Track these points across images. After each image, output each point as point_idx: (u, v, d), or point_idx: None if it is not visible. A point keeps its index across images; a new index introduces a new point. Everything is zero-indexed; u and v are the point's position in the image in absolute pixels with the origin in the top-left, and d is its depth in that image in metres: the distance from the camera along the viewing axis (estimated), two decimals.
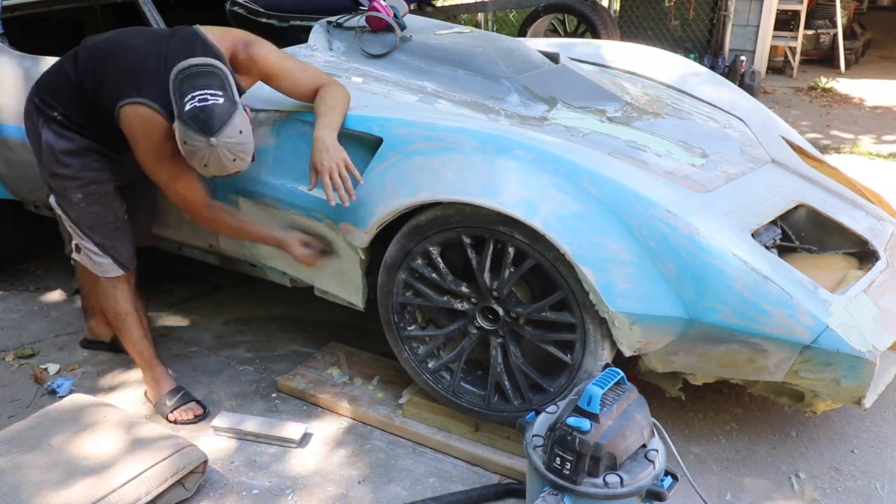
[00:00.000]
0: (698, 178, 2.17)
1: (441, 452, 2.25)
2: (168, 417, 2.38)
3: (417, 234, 2.07)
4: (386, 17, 2.64)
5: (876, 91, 6.90)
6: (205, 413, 2.41)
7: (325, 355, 2.66)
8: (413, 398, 2.32)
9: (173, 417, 2.38)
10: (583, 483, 1.62)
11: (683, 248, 1.81)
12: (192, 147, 1.90)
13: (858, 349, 1.77)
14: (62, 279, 3.38)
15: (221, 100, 1.89)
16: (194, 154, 1.92)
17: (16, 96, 2.77)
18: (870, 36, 9.05)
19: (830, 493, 2.08)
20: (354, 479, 2.15)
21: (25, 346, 2.87)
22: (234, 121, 1.90)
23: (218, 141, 1.88)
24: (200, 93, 1.88)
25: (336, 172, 2.02)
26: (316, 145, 2.05)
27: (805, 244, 2.27)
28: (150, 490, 1.92)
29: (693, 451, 2.23)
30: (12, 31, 3.06)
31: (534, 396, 2.08)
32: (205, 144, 1.88)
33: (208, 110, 1.87)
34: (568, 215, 1.85)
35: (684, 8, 7.35)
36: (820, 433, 2.31)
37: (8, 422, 2.37)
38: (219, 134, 1.87)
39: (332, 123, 2.09)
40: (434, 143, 2.03)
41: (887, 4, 12.43)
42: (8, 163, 2.90)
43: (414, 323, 2.24)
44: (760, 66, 7.29)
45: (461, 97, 2.44)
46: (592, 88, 2.61)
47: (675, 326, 1.88)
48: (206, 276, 3.33)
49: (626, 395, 1.72)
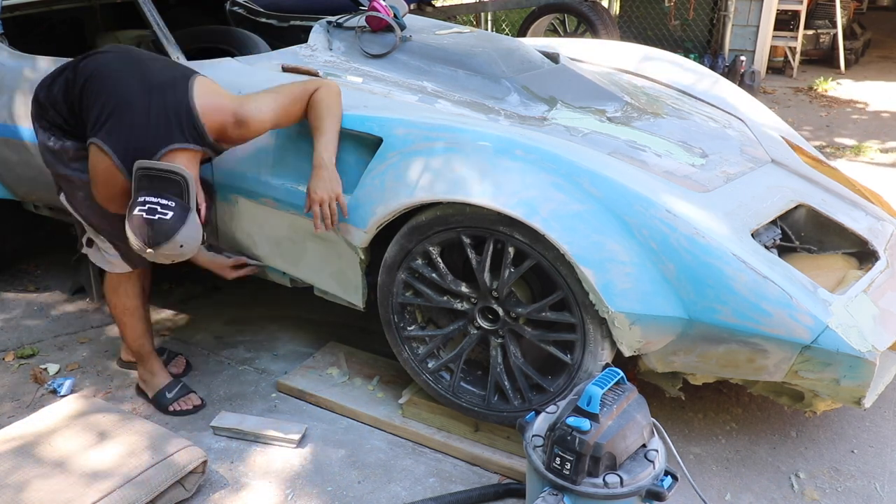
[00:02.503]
0: (698, 178, 2.17)
1: (441, 452, 2.25)
2: (168, 408, 2.41)
3: (417, 234, 2.07)
4: (386, 17, 2.64)
5: (876, 91, 6.90)
6: (202, 404, 2.45)
7: (324, 355, 2.66)
8: (413, 398, 2.32)
9: (173, 408, 2.41)
10: (583, 483, 1.62)
11: (683, 248, 1.81)
12: (132, 240, 1.95)
13: (858, 349, 1.77)
14: (62, 279, 3.38)
15: (169, 214, 1.90)
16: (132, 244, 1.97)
17: (15, 96, 2.77)
18: (870, 36, 9.05)
19: (830, 493, 2.08)
20: (354, 480, 2.15)
21: (25, 346, 2.87)
22: (177, 237, 1.92)
23: (155, 252, 1.93)
24: (153, 201, 1.90)
25: (327, 204, 2.07)
26: (315, 171, 2.08)
27: (805, 244, 2.27)
28: (150, 490, 1.92)
29: (693, 451, 2.23)
30: (12, 31, 3.06)
31: (534, 396, 2.08)
32: (142, 249, 1.94)
33: (154, 225, 1.89)
34: (568, 215, 1.85)
35: (684, 8, 7.36)
36: (820, 433, 2.31)
37: (8, 422, 2.37)
38: (157, 247, 1.91)
39: (330, 142, 2.10)
40: (434, 143, 2.03)
41: (887, 4, 12.44)
42: (7, 163, 2.90)
43: (414, 323, 2.24)
44: (760, 66, 7.30)
45: (461, 97, 2.44)
46: (592, 88, 2.61)
47: (675, 326, 1.88)
48: (206, 276, 3.32)
49: (626, 395, 1.72)
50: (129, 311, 2.41)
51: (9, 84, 2.79)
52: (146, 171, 1.93)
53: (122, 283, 2.38)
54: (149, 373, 2.48)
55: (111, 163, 1.99)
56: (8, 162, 2.90)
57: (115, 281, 2.39)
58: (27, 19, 3.29)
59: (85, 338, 2.93)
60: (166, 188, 1.91)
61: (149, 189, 1.91)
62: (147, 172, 1.93)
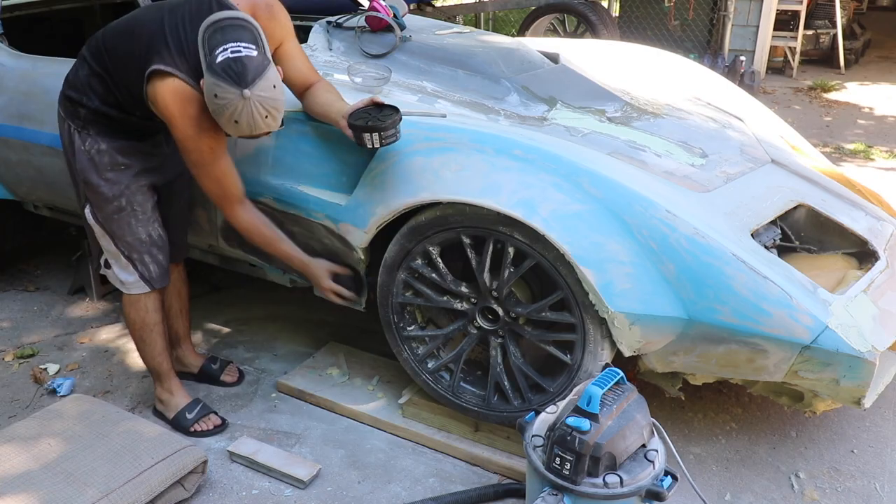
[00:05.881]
0: (698, 179, 2.17)
1: (441, 452, 2.25)
2: (189, 430, 2.31)
3: (417, 234, 2.07)
4: (385, 17, 2.64)
5: (876, 91, 6.90)
6: (224, 424, 2.36)
7: (324, 355, 2.66)
8: (413, 398, 2.32)
9: (194, 429, 2.31)
10: (582, 483, 1.62)
11: (683, 248, 1.81)
12: (222, 101, 1.80)
13: (858, 349, 1.77)
14: (62, 279, 3.38)
15: (255, 52, 1.80)
16: (224, 108, 1.80)
17: (15, 96, 2.77)
18: (869, 36, 9.05)
19: (830, 493, 2.08)
20: (354, 480, 2.15)
21: (25, 346, 2.87)
22: (269, 74, 1.81)
23: (251, 93, 1.78)
24: (233, 45, 1.79)
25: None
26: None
27: (805, 244, 2.27)
28: (150, 490, 1.92)
29: (693, 451, 2.23)
30: (12, 31, 3.06)
31: (533, 396, 2.08)
32: (237, 97, 1.78)
33: (242, 61, 1.77)
34: (568, 215, 1.85)
35: (684, 8, 7.35)
36: (820, 433, 2.32)
37: (8, 422, 2.37)
38: (252, 86, 1.77)
39: None
40: (434, 143, 2.03)
41: (887, 4, 12.43)
42: (7, 163, 2.90)
43: (414, 323, 2.24)
44: (760, 66, 7.30)
45: (461, 97, 2.44)
46: (592, 88, 2.61)
47: (675, 326, 1.88)
48: (206, 276, 3.32)
49: (626, 395, 1.72)
50: (147, 327, 2.29)
51: (9, 84, 2.79)
52: (216, 26, 1.82)
53: (142, 297, 2.26)
54: (167, 392, 2.37)
55: (180, 81, 1.89)
56: (8, 162, 2.90)
57: (135, 295, 2.27)
58: (27, 19, 3.29)
59: (85, 338, 2.93)
60: (241, 36, 1.82)
61: (222, 40, 1.80)
62: (217, 26, 1.82)
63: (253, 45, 1.82)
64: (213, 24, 1.83)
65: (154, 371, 2.37)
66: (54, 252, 3.62)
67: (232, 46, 1.79)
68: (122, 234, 2.17)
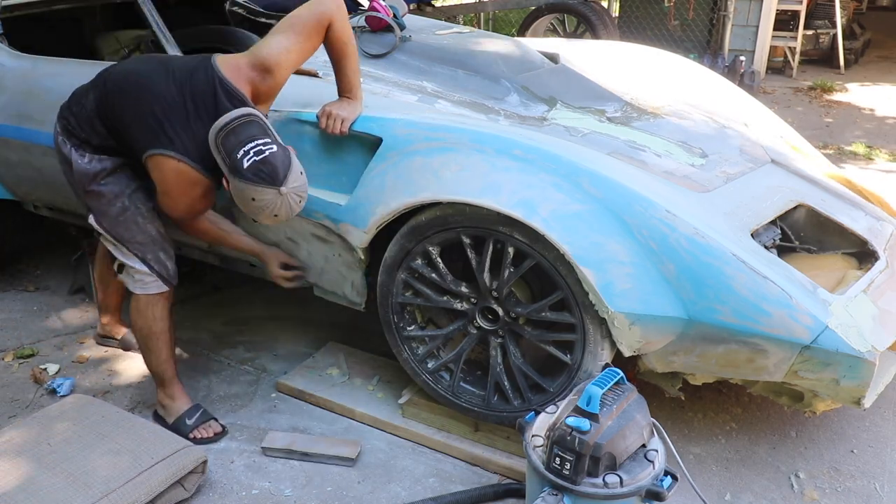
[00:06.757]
0: (698, 179, 2.17)
1: (441, 452, 2.25)
2: (189, 436, 2.29)
3: (417, 235, 2.07)
4: (385, 17, 2.64)
5: (876, 91, 6.90)
6: (224, 431, 2.35)
7: (324, 355, 2.66)
8: (413, 398, 2.32)
9: (193, 435, 2.30)
10: (582, 483, 1.62)
11: (683, 248, 1.81)
12: (260, 203, 1.88)
13: (858, 349, 1.77)
14: (62, 279, 3.38)
15: (274, 147, 1.88)
16: (264, 208, 1.90)
17: (15, 96, 2.77)
18: (869, 36, 9.06)
19: (830, 493, 2.08)
20: (354, 480, 2.15)
21: (25, 346, 2.87)
22: (293, 164, 1.90)
23: (287, 189, 1.87)
24: (250, 144, 1.86)
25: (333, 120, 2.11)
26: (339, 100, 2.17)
27: (805, 244, 2.27)
28: (150, 490, 1.92)
29: (693, 451, 2.23)
30: (12, 31, 3.06)
31: (533, 396, 2.08)
32: (275, 195, 1.87)
33: (269, 161, 1.85)
34: (567, 215, 1.85)
35: (684, 8, 7.36)
36: (820, 433, 2.32)
37: (8, 422, 2.37)
38: (286, 182, 1.87)
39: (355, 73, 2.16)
40: (434, 144, 2.03)
41: (887, 4, 12.43)
42: (7, 163, 2.90)
43: (413, 323, 2.24)
44: (760, 66, 7.30)
45: (461, 97, 2.44)
46: (592, 88, 2.61)
47: (675, 326, 1.88)
48: (206, 276, 3.33)
49: (626, 395, 1.72)
50: (154, 336, 2.29)
51: (9, 84, 2.80)
52: (225, 129, 1.90)
53: (151, 305, 2.25)
54: (169, 397, 2.36)
55: (186, 166, 1.99)
56: (8, 162, 2.90)
57: (144, 303, 2.26)
58: (27, 19, 3.29)
59: (85, 338, 2.93)
60: (251, 133, 1.89)
61: (237, 142, 1.88)
62: (227, 129, 1.90)
63: (267, 138, 1.90)
64: (223, 127, 1.91)
65: (157, 376, 2.37)
66: (54, 252, 3.62)
67: (251, 147, 1.87)
68: (132, 236, 2.19)
